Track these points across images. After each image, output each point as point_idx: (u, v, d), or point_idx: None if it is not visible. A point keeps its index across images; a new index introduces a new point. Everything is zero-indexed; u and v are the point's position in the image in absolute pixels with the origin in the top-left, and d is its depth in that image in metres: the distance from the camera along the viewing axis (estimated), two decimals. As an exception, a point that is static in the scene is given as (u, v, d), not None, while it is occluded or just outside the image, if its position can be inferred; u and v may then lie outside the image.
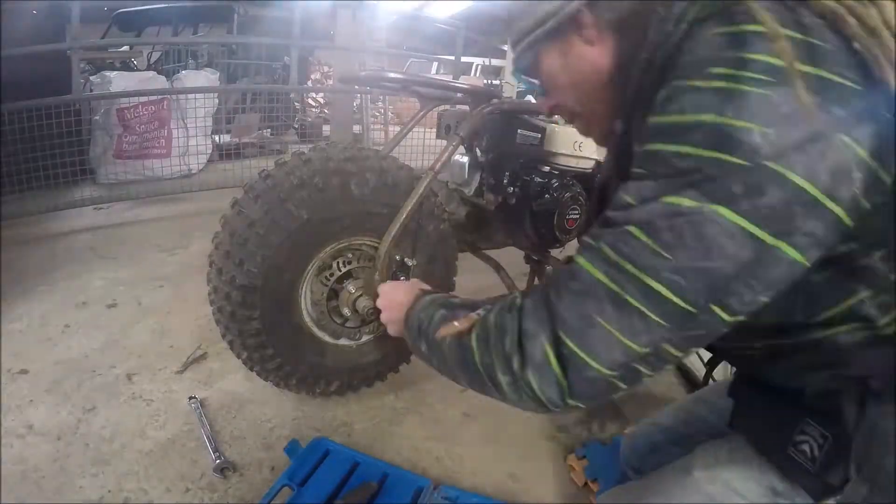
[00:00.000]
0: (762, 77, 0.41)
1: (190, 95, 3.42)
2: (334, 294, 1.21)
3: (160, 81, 3.47)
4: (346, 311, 1.20)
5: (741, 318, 0.46)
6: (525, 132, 1.38)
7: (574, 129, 0.76)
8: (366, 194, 1.11)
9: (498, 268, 1.65)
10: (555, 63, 0.64)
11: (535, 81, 0.70)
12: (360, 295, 1.17)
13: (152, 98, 3.33)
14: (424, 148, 3.61)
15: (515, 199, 1.44)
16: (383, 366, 1.34)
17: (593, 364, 0.48)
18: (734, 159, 0.41)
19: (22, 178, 2.63)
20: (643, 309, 0.46)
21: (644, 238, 0.45)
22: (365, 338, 1.29)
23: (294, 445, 1.14)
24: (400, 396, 1.41)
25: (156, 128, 3.44)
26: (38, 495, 1.01)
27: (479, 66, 8.87)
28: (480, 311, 0.60)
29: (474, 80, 8.34)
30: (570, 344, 0.49)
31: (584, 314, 0.48)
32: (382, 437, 1.25)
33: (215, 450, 1.13)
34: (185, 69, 4.15)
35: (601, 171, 0.94)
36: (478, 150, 1.47)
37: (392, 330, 0.83)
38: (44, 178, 2.67)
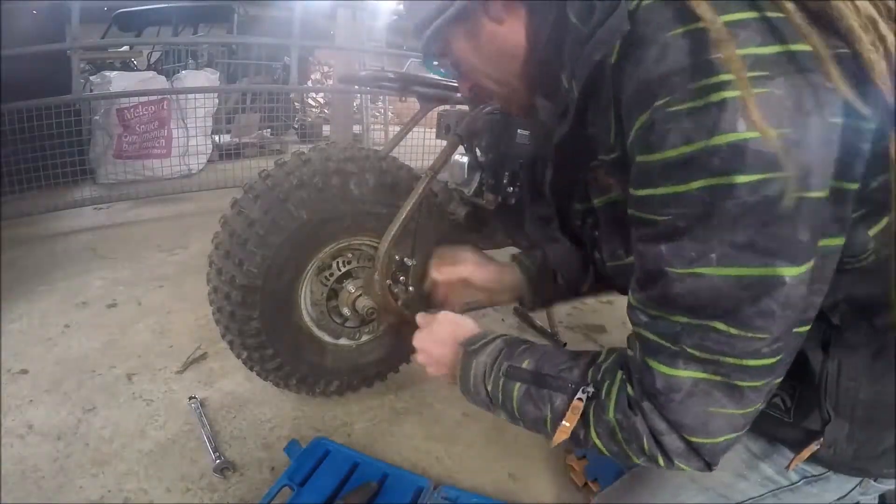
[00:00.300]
0: (757, 73, 0.37)
1: (190, 95, 3.42)
2: (334, 294, 1.21)
3: (160, 81, 3.47)
4: (346, 311, 1.20)
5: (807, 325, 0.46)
6: (525, 132, 1.38)
7: None
8: (365, 194, 1.11)
9: (498, 268, 1.65)
10: (466, 46, 0.62)
11: (445, 68, 0.69)
12: (360, 295, 1.17)
13: (152, 98, 3.33)
14: (424, 148, 3.61)
15: (515, 199, 1.44)
16: (383, 366, 1.34)
17: (722, 440, 0.48)
18: (761, 176, 0.38)
19: (22, 178, 2.63)
20: (752, 383, 0.45)
21: (733, 331, 0.42)
22: (365, 338, 1.29)
23: (294, 445, 1.14)
24: (400, 396, 1.41)
25: (156, 128, 3.44)
26: (38, 495, 1.01)
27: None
28: (578, 394, 0.54)
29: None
30: (699, 440, 0.48)
31: (699, 413, 0.46)
32: (382, 437, 1.25)
33: (215, 450, 1.13)
34: (185, 69, 4.15)
35: (533, 146, 0.93)
36: (477, 150, 1.46)
37: (433, 372, 0.74)
38: (44, 178, 2.67)
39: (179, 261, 2.23)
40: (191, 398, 1.29)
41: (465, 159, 1.48)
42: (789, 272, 0.40)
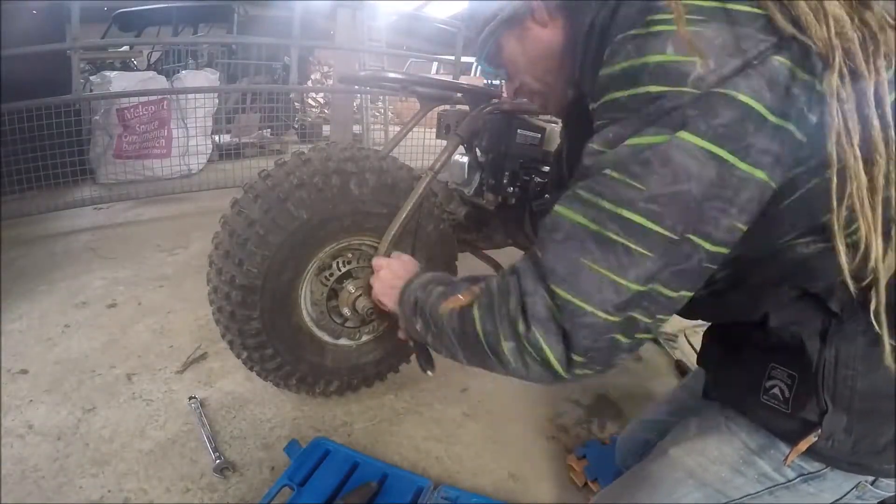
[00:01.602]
0: (693, 17, 0.45)
1: (190, 95, 3.42)
2: (334, 294, 1.21)
3: (160, 81, 3.47)
4: (346, 311, 1.20)
5: (723, 248, 0.48)
6: (525, 132, 1.38)
7: None
8: (365, 194, 1.11)
9: (498, 268, 1.65)
10: (514, 47, 0.71)
11: (496, 70, 0.78)
12: (360, 295, 1.17)
13: (152, 98, 3.33)
14: (424, 148, 3.61)
15: (515, 199, 1.44)
16: (383, 366, 1.34)
17: (588, 307, 0.49)
18: (684, 89, 0.45)
19: (22, 178, 2.63)
20: (626, 242, 0.48)
21: (616, 175, 0.48)
22: (365, 338, 1.29)
23: (294, 445, 1.14)
24: (400, 396, 1.41)
25: (156, 128, 3.44)
26: (38, 495, 1.01)
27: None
28: (482, 285, 0.61)
29: (474, 80, 8.34)
30: (563, 293, 0.50)
31: (571, 260, 0.50)
32: (382, 437, 1.25)
33: (215, 450, 1.13)
34: (185, 69, 4.15)
35: (560, 141, 0.99)
36: (478, 150, 1.47)
37: (386, 303, 0.86)
38: (44, 178, 2.67)
39: (179, 261, 2.23)
40: (191, 398, 1.29)
41: (465, 159, 1.48)
42: (680, 135, 0.45)
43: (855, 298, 0.50)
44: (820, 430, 0.56)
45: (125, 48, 4.60)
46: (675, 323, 1.94)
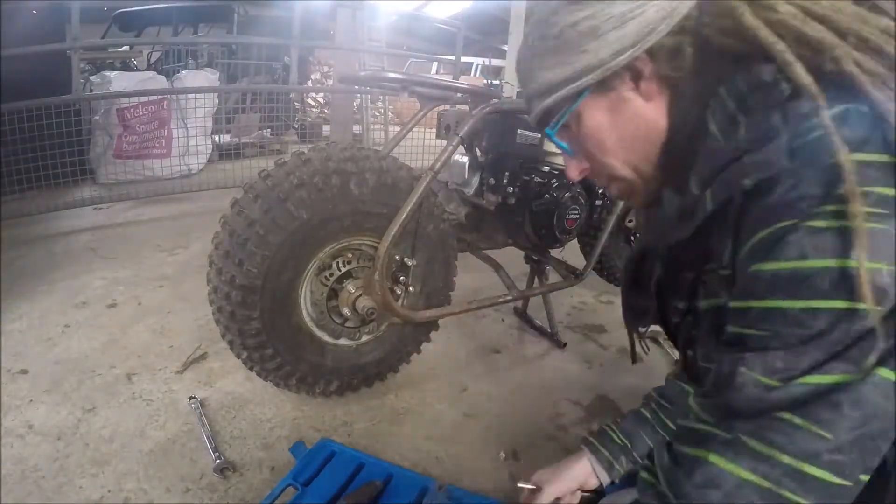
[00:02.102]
0: (879, 210, 0.38)
1: (190, 95, 3.43)
2: (334, 294, 1.21)
3: (160, 81, 3.47)
4: (346, 311, 1.20)
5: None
6: (525, 132, 1.38)
7: None
8: (365, 194, 1.11)
9: (498, 268, 1.65)
10: (603, 119, 0.55)
11: (566, 140, 0.61)
12: (360, 295, 1.17)
13: (152, 98, 3.33)
14: (424, 148, 3.61)
15: (515, 199, 1.44)
16: (383, 366, 1.34)
17: None
18: (871, 308, 0.38)
19: (22, 178, 2.63)
20: (799, 500, 0.42)
21: (798, 421, 0.41)
22: (365, 338, 1.29)
23: (299, 446, 1.14)
24: (400, 396, 1.41)
25: (156, 128, 3.44)
26: (38, 495, 1.01)
27: (479, 66, 8.88)
28: None
29: (474, 80, 8.35)
30: None
31: None
32: (382, 437, 1.25)
33: (215, 450, 1.13)
34: (185, 69, 4.15)
35: (642, 235, 0.86)
36: (478, 150, 1.47)
37: None
38: (44, 178, 2.67)
39: (179, 261, 2.23)
40: (191, 398, 1.29)
41: (465, 159, 1.48)
42: (884, 373, 0.40)
43: None
44: None
45: (125, 48, 4.60)
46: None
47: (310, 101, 6.36)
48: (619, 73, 0.52)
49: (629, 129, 0.55)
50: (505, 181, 1.43)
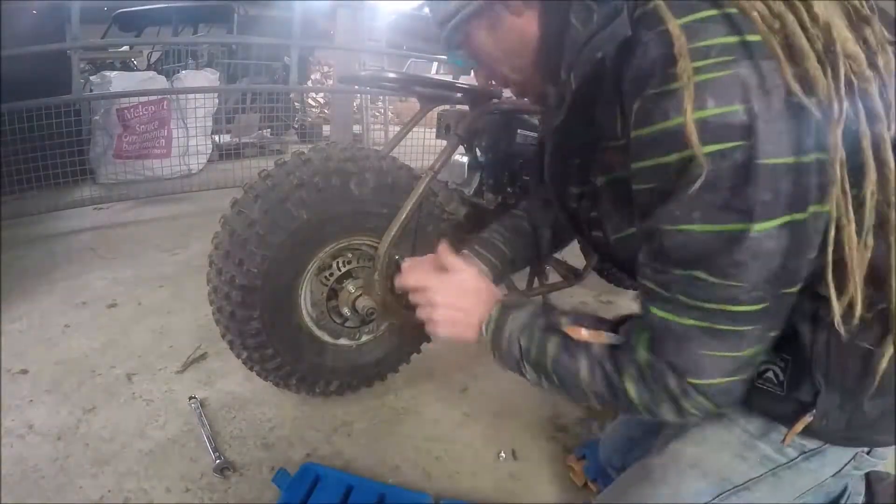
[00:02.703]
0: (723, 58, 0.44)
1: (190, 95, 3.43)
2: (334, 294, 1.21)
3: (160, 81, 3.47)
4: (346, 311, 1.20)
5: (802, 281, 0.51)
6: (525, 132, 1.38)
7: None
8: (365, 194, 1.11)
9: (498, 268, 1.65)
10: (486, 37, 0.67)
11: (465, 59, 0.74)
12: (360, 295, 1.17)
13: (152, 98, 3.33)
14: (424, 148, 3.61)
15: (515, 199, 1.44)
16: (383, 366, 1.34)
17: (716, 382, 0.54)
18: (733, 144, 0.45)
19: (22, 178, 2.63)
20: (735, 328, 0.51)
21: (712, 279, 0.49)
22: (365, 338, 1.29)
23: (283, 475, 1.06)
24: (400, 396, 1.41)
25: (156, 128, 3.44)
26: (38, 495, 1.01)
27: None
28: (609, 335, 0.62)
29: (474, 80, 8.32)
30: (695, 381, 0.55)
31: (692, 354, 0.54)
32: (382, 437, 1.25)
33: (215, 450, 1.13)
34: (185, 69, 4.15)
35: (542, 125, 0.98)
36: (477, 150, 1.47)
37: (446, 331, 0.77)
38: (44, 178, 2.67)
39: (179, 261, 2.23)
40: (191, 398, 1.29)
41: (465, 159, 1.48)
42: (757, 227, 0.46)
43: (844, 279, 0.52)
44: (815, 411, 0.58)
45: (125, 48, 4.60)
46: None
47: (310, 101, 6.36)
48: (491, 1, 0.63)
49: (506, 42, 0.67)
50: (505, 181, 1.43)
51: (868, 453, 0.64)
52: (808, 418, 0.59)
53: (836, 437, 0.61)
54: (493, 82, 0.76)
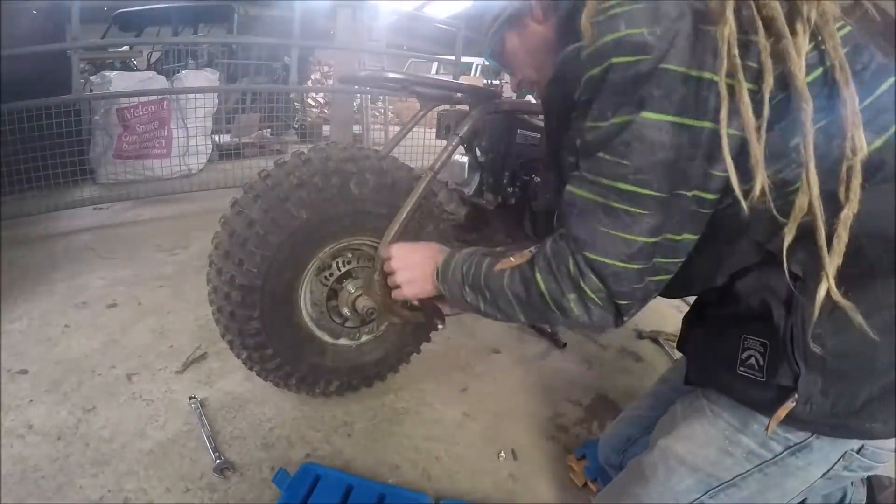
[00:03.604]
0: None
1: (190, 95, 3.42)
2: (334, 294, 1.21)
3: (160, 81, 3.46)
4: (346, 311, 1.20)
5: (708, 194, 0.57)
6: (525, 132, 1.38)
7: None
8: (365, 194, 1.11)
9: (498, 268, 1.65)
10: (516, 43, 0.82)
11: (501, 66, 0.88)
12: (360, 295, 1.17)
13: (152, 98, 3.32)
14: (424, 148, 3.61)
15: (515, 199, 1.44)
16: (383, 366, 1.34)
17: (609, 261, 0.59)
18: (641, 57, 0.53)
19: (22, 178, 2.63)
20: (626, 206, 0.57)
21: (606, 156, 0.58)
22: (364, 338, 1.29)
23: (282, 475, 1.06)
24: (400, 396, 1.41)
25: (156, 128, 3.43)
26: (38, 495, 1.01)
27: (479, 66, 8.87)
28: (532, 249, 0.69)
29: (474, 80, 8.34)
30: (590, 254, 0.60)
31: (589, 227, 0.60)
32: (382, 437, 1.25)
33: (215, 450, 1.13)
34: (185, 69, 4.15)
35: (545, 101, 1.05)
36: (478, 150, 1.47)
37: (411, 290, 0.91)
38: (44, 178, 2.67)
39: (179, 261, 2.23)
40: (191, 398, 1.29)
41: (465, 159, 1.48)
42: (645, 115, 0.54)
43: (814, 258, 0.53)
44: (796, 395, 0.58)
45: (125, 48, 4.59)
46: (675, 323, 1.94)
47: (310, 101, 6.35)
48: (522, 9, 0.78)
49: (531, 45, 0.80)
50: (505, 181, 1.43)
51: (859, 452, 0.62)
52: (790, 404, 0.58)
53: (822, 425, 0.60)
54: (524, 84, 0.88)
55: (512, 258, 0.70)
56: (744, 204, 0.54)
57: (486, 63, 0.93)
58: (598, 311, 0.62)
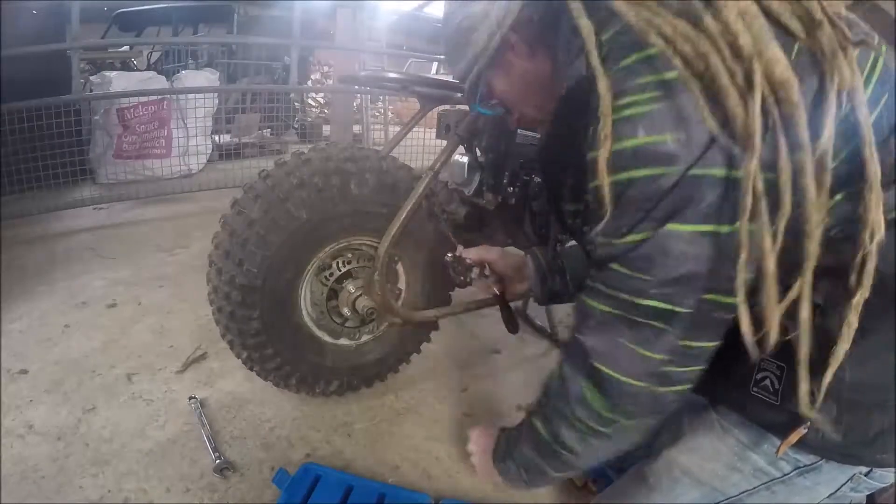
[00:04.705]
0: (654, 94, 0.47)
1: (190, 95, 3.42)
2: (334, 294, 1.21)
3: (160, 81, 3.46)
4: (346, 311, 1.20)
5: (732, 299, 0.50)
6: (525, 132, 1.38)
7: None
8: (365, 194, 1.11)
9: (498, 268, 1.65)
10: (504, 84, 0.73)
11: (493, 110, 0.81)
12: (360, 295, 1.17)
13: (152, 98, 3.32)
14: (424, 148, 3.61)
15: (515, 199, 1.44)
16: (383, 366, 1.34)
17: (623, 378, 0.55)
18: (661, 170, 0.47)
19: (22, 178, 2.63)
20: (650, 322, 0.53)
21: (624, 270, 0.53)
22: (365, 338, 1.29)
23: (282, 475, 1.06)
24: (400, 396, 1.41)
25: (156, 128, 3.43)
26: (38, 495, 1.01)
27: (479, 66, 8.85)
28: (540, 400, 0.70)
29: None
30: (604, 368, 0.56)
31: (609, 339, 0.56)
32: (382, 437, 1.25)
33: (215, 450, 1.13)
34: (185, 69, 4.15)
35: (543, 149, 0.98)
36: (478, 150, 1.47)
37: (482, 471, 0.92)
38: (44, 178, 2.67)
39: (179, 261, 2.23)
40: (191, 398, 1.29)
41: (465, 159, 1.48)
42: (670, 227, 0.48)
43: (837, 287, 0.51)
44: (809, 422, 0.57)
45: (125, 48, 4.59)
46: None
47: (310, 101, 6.35)
48: (498, 49, 0.67)
49: (524, 83, 0.72)
50: (505, 181, 1.43)
51: (867, 475, 0.62)
52: (802, 430, 0.58)
53: (833, 452, 0.59)
54: (523, 123, 0.82)
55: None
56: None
57: (477, 110, 0.84)
58: (593, 441, 0.61)
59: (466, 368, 1.56)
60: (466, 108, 1.31)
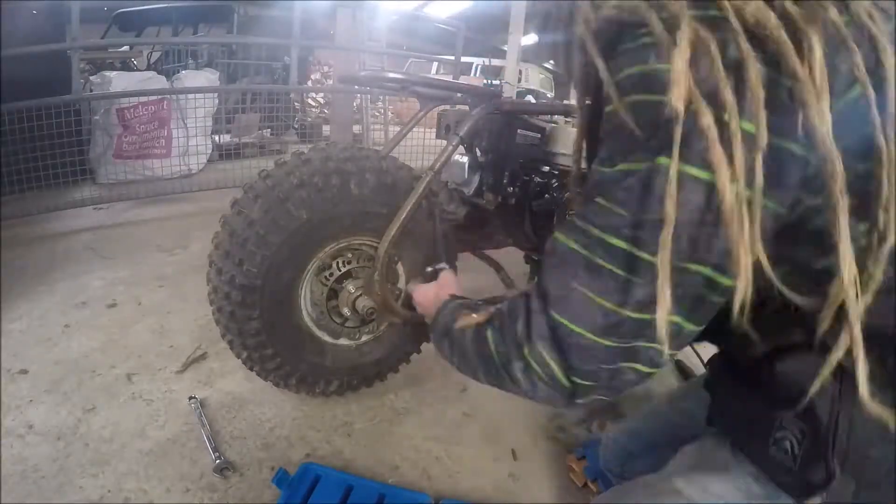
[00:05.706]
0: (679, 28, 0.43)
1: (190, 95, 3.42)
2: (334, 294, 1.21)
3: (160, 81, 3.47)
4: (346, 311, 1.20)
5: (723, 278, 0.45)
6: (525, 132, 1.38)
7: (573, 129, 0.77)
8: (365, 194, 1.11)
9: (498, 268, 1.65)
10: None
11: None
12: (360, 295, 1.17)
13: (152, 98, 3.33)
14: (424, 148, 3.61)
15: (515, 199, 1.44)
16: (383, 366, 1.34)
17: (577, 329, 0.49)
18: (659, 96, 0.42)
19: (22, 178, 2.63)
20: (612, 268, 0.47)
21: (604, 202, 0.47)
22: (364, 337, 1.29)
23: (282, 475, 1.06)
24: (400, 396, 1.41)
25: (156, 128, 3.43)
26: (38, 495, 1.01)
27: (479, 66, 8.87)
28: (498, 305, 0.61)
29: (474, 80, 8.34)
30: (556, 315, 0.50)
31: (563, 283, 0.50)
32: (382, 437, 1.25)
33: (215, 450, 1.13)
34: (185, 69, 4.15)
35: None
36: (478, 150, 1.47)
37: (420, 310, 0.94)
38: (44, 178, 2.67)
39: (179, 261, 2.23)
40: (191, 398, 1.29)
41: (465, 159, 1.48)
42: (661, 161, 0.43)
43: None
44: (825, 494, 0.53)
45: (125, 48, 4.60)
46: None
47: (310, 101, 6.36)
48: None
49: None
50: (505, 181, 1.43)
51: None
52: (817, 500, 0.54)
53: None
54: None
55: (475, 315, 0.64)
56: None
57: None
58: (543, 388, 0.54)
59: (466, 368, 1.56)
60: (466, 108, 1.31)
